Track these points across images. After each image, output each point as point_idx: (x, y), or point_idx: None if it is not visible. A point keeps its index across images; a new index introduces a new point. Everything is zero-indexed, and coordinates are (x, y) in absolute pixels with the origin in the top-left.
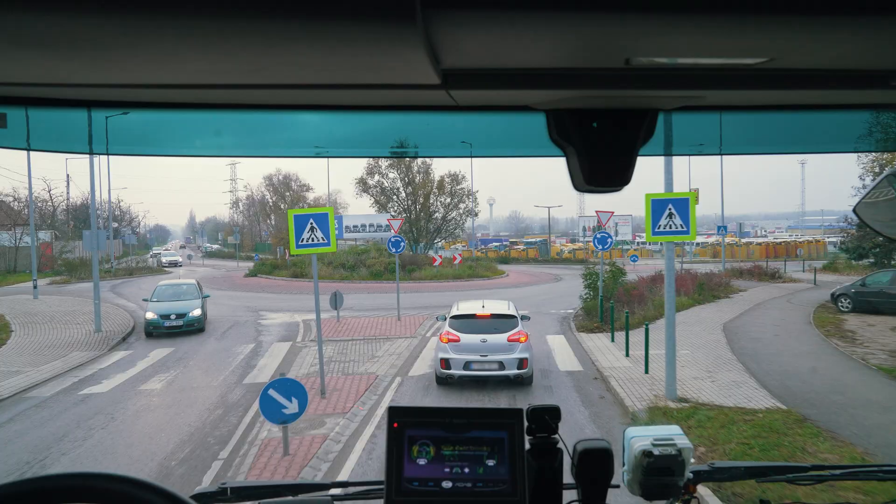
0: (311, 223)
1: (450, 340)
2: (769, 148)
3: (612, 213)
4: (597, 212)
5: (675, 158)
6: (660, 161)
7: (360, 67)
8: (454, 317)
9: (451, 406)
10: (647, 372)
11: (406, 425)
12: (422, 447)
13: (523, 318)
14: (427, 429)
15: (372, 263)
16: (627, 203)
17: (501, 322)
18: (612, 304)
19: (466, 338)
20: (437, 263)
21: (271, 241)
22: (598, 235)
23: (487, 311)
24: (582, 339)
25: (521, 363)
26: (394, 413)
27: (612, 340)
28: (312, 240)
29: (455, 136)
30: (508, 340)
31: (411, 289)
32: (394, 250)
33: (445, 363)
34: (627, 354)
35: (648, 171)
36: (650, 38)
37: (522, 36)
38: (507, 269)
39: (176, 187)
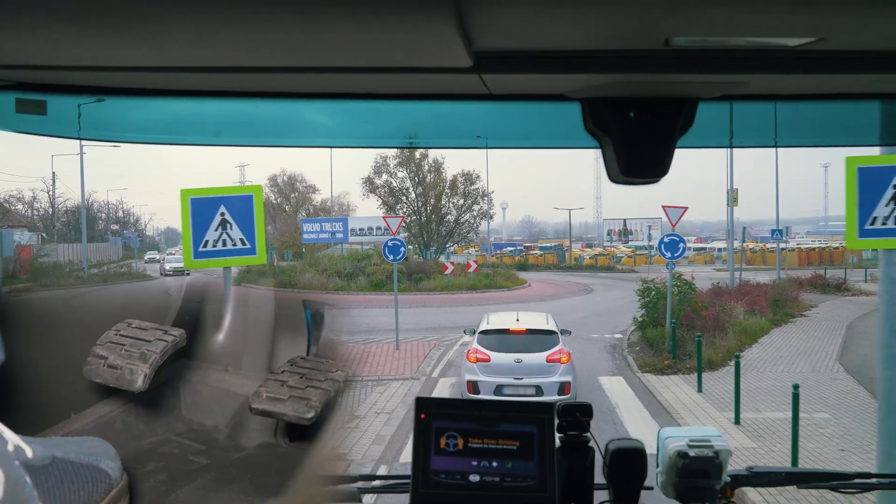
0: (223, 214)
1: (478, 360)
2: (814, 140)
3: (686, 208)
4: (664, 207)
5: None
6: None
7: (389, 47)
8: (484, 332)
9: (480, 399)
10: (795, 463)
11: (433, 416)
12: (449, 439)
13: (563, 332)
14: (455, 420)
15: (373, 271)
16: (648, 205)
17: (539, 339)
18: (700, 339)
19: (498, 357)
20: (448, 272)
21: (275, 245)
22: (667, 239)
23: (522, 326)
24: (651, 385)
25: (563, 388)
26: (421, 404)
27: (700, 391)
28: (225, 243)
29: (486, 127)
30: (547, 361)
31: (417, 303)
32: (391, 257)
33: (473, 387)
34: (738, 421)
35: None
36: (691, 16)
37: (559, 14)
38: (527, 277)
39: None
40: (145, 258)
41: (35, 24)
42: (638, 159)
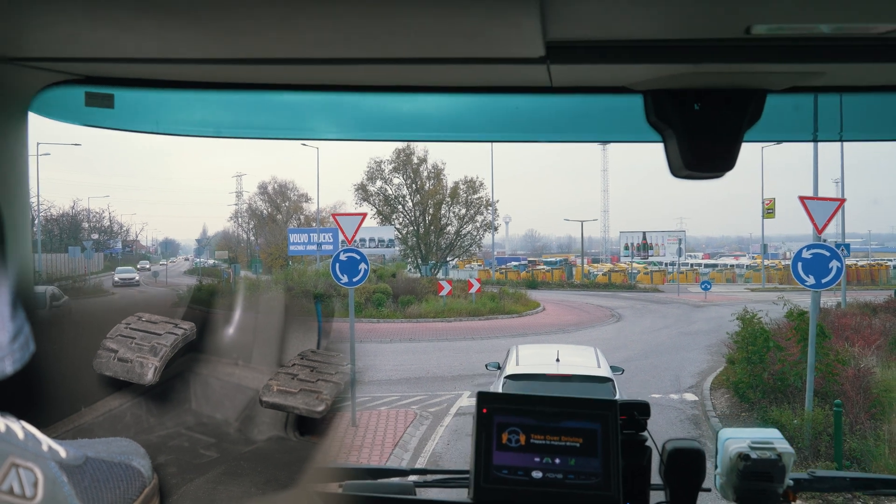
0: None
1: None
2: (884, 135)
3: (843, 200)
4: (802, 199)
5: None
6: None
7: (464, 37)
8: (512, 376)
9: (542, 395)
10: None
11: (495, 411)
12: (511, 434)
13: (613, 370)
14: (517, 416)
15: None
16: (665, 219)
17: (588, 389)
18: None
19: None
20: (444, 293)
21: (261, 257)
22: (808, 254)
23: (565, 369)
24: None
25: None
26: (483, 399)
27: None
28: None
29: (547, 120)
30: None
31: (402, 335)
32: (345, 279)
33: None
34: None
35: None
36: (778, 1)
37: (641, 1)
38: (539, 297)
39: (188, 199)
40: (115, 272)
41: (104, 15)
42: (702, 153)
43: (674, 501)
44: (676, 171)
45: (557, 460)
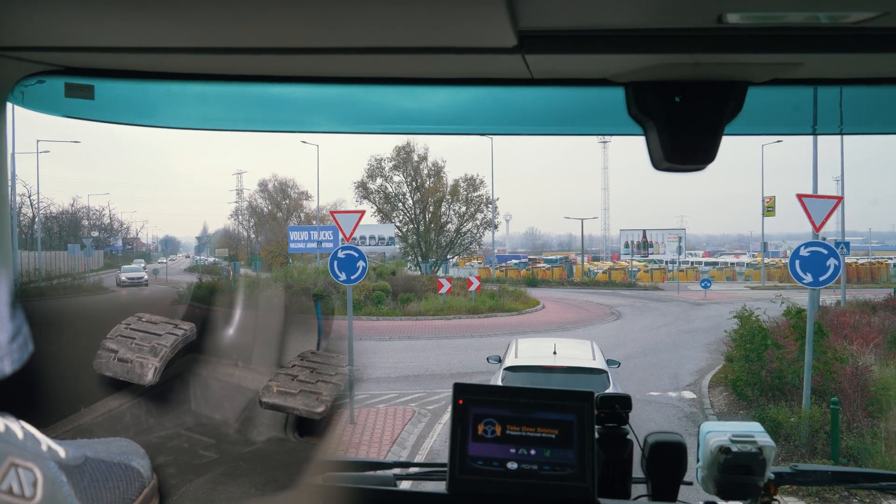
0: None
1: None
2: (879, 128)
3: (840, 198)
4: (800, 197)
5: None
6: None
7: (432, 25)
8: (511, 368)
9: (518, 386)
10: None
11: (471, 402)
12: (487, 425)
13: (610, 363)
14: (492, 407)
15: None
16: (665, 217)
17: (583, 380)
18: None
19: None
20: (444, 290)
21: (261, 254)
22: (806, 252)
23: (561, 361)
24: None
25: None
26: (459, 390)
27: None
28: None
29: (528, 112)
30: None
31: (401, 332)
32: (343, 277)
33: None
34: None
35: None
36: None
37: None
38: (538, 295)
39: (188, 197)
40: (121, 271)
41: (83, 2)
42: (683, 145)
43: (655, 495)
44: (657, 164)
45: (533, 451)
